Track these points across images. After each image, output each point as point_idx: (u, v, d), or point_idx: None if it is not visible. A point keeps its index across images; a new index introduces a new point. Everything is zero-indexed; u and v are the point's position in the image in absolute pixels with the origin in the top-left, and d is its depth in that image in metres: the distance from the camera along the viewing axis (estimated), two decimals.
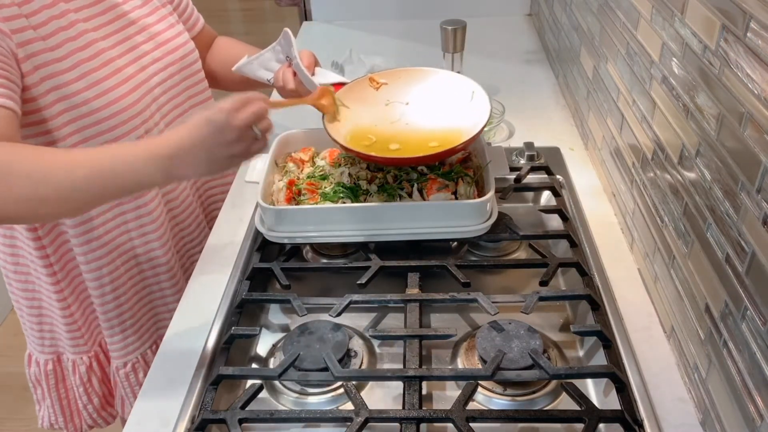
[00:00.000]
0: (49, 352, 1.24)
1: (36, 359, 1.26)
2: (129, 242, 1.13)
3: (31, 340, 1.25)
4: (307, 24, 2.12)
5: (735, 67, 0.69)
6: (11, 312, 2.50)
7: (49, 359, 1.25)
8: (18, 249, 1.13)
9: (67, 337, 1.20)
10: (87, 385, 1.25)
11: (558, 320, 1.01)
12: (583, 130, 1.38)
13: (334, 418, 0.83)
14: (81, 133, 1.00)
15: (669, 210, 0.89)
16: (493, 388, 0.88)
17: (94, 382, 1.25)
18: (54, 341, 1.23)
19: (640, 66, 1.00)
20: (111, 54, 1.03)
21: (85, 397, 1.26)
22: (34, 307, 1.20)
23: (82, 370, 1.23)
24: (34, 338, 1.24)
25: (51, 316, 1.20)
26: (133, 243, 1.14)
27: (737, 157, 0.69)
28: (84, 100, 0.98)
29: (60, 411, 1.29)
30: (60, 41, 0.96)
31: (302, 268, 1.09)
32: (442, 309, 1.04)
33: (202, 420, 0.82)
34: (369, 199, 1.05)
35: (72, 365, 1.24)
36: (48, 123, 0.97)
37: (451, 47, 1.42)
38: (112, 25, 1.05)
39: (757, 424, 0.66)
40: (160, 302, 1.23)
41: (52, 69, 0.95)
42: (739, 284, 0.69)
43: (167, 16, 1.16)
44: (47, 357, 1.25)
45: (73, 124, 0.98)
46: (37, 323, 1.21)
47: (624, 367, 0.86)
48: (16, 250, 1.13)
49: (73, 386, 1.26)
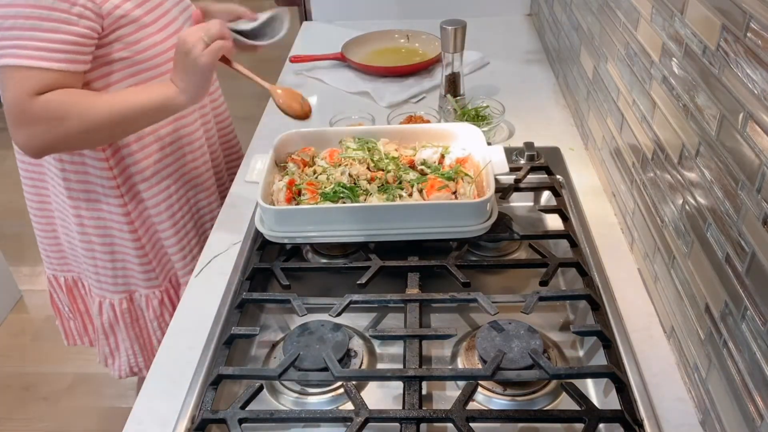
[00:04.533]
0: (122, 291, 1.33)
1: (110, 302, 1.33)
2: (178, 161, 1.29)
3: (104, 281, 1.32)
4: (307, 24, 2.12)
5: (735, 67, 0.69)
6: (11, 312, 2.51)
7: (123, 298, 1.32)
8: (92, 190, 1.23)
9: (139, 270, 1.30)
10: (160, 319, 1.33)
11: (558, 320, 1.01)
12: (583, 130, 1.38)
13: (334, 418, 0.83)
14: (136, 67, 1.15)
15: (669, 210, 0.89)
16: (493, 388, 0.88)
17: (166, 317, 1.35)
18: (126, 279, 1.32)
19: (640, 66, 1.00)
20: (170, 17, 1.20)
21: (159, 332, 1.34)
22: (107, 244, 1.28)
23: (155, 304, 1.31)
24: (107, 279, 1.32)
25: (124, 252, 1.29)
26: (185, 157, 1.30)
27: (737, 157, 0.69)
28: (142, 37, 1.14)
29: (139, 351, 1.36)
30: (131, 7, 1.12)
31: (302, 268, 1.09)
32: (442, 309, 1.04)
33: (202, 420, 0.82)
34: (369, 199, 1.06)
35: (145, 300, 1.32)
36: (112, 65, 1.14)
37: (451, 47, 1.42)
38: None
39: (757, 424, 0.66)
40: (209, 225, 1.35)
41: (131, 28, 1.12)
42: (739, 284, 0.69)
43: None
44: (121, 296, 1.33)
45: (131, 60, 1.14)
46: (110, 261, 1.30)
47: (624, 367, 0.86)
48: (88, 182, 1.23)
49: (147, 322, 1.34)
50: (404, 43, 1.88)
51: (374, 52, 1.84)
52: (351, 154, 1.14)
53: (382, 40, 1.88)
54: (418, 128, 1.22)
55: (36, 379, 2.26)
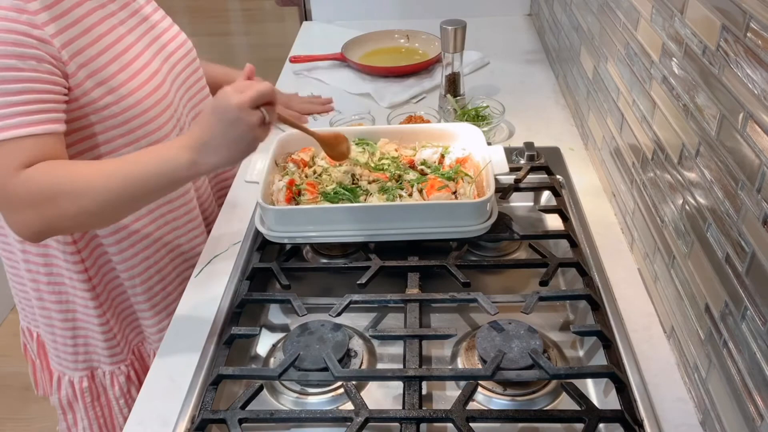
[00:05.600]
0: (83, 368, 1.22)
1: (69, 379, 1.23)
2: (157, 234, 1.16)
3: (63, 359, 1.21)
4: (307, 24, 2.12)
5: (735, 67, 0.69)
6: (11, 312, 2.50)
7: (84, 376, 1.22)
8: (52, 260, 1.11)
9: (104, 346, 1.18)
10: (127, 396, 1.23)
11: (558, 320, 1.01)
12: (583, 130, 1.38)
13: (334, 418, 0.83)
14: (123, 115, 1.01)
15: (669, 210, 0.89)
16: (493, 388, 0.88)
17: (133, 393, 1.24)
18: (88, 355, 1.21)
19: (640, 66, 1.00)
20: (138, 47, 1.07)
21: (126, 410, 1.24)
22: (69, 320, 1.17)
23: (122, 380, 1.22)
24: (66, 356, 1.21)
25: (86, 328, 1.18)
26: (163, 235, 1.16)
27: (737, 157, 0.69)
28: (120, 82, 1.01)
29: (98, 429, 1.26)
30: (95, 36, 0.99)
31: (302, 268, 1.09)
32: (442, 309, 1.04)
33: (202, 420, 0.82)
34: (369, 199, 1.06)
35: (110, 377, 1.22)
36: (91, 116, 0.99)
37: (451, 47, 1.42)
38: (133, 19, 1.09)
39: (757, 424, 0.66)
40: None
41: (94, 65, 0.98)
42: (739, 284, 0.69)
43: (167, 16, 1.19)
44: (81, 374, 1.22)
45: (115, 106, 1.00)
46: (71, 337, 1.19)
47: (624, 367, 0.86)
48: (50, 261, 1.11)
49: (113, 400, 1.24)
50: (404, 43, 1.88)
51: (374, 52, 1.84)
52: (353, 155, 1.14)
53: (382, 40, 1.88)
54: (418, 128, 1.22)
55: None
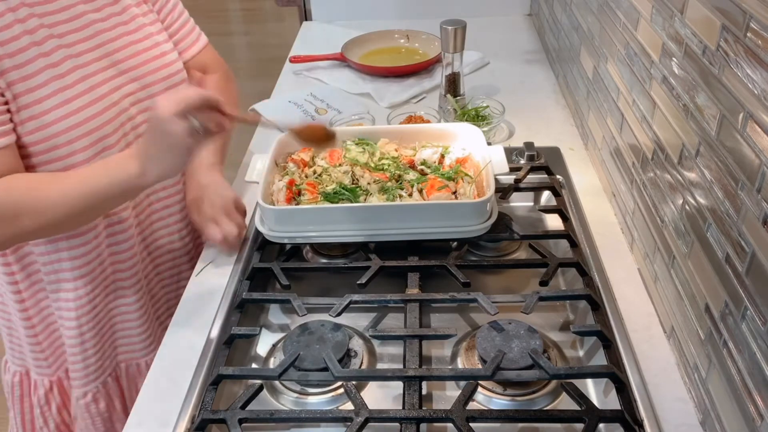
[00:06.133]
0: (18, 364, 1.22)
1: (9, 367, 1.24)
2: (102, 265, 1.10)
3: (7, 347, 1.22)
4: (307, 24, 2.12)
5: (735, 67, 0.69)
6: None
7: (18, 371, 1.22)
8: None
9: (31, 356, 1.17)
10: (44, 408, 1.21)
11: (558, 320, 1.01)
12: (583, 130, 1.38)
13: (334, 418, 0.83)
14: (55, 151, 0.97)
15: (669, 210, 0.89)
16: (493, 388, 0.88)
17: (52, 407, 1.21)
18: (22, 355, 1.20)
19: (640, 66, 1.00)
20: (86, 71, 1.00)
21: (41, 420, 1.22)
22: (5, 318, 1.18)
23: (41, 392, 1.20)
24: (7, 346, 1.22)
25: (19, 331, 1.16)
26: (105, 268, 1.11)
27: (737, 157, 0.69)
28: (56, 118, 0.96)
29: (21, 425, 1.25)
30: (32, 56, 0.94)
31: (302, 268, 1.09)
32: (442, 309, 1.04)
33: (202, 420, 0.82)
34: (369, 199, 1.06)
35: (34, 384, 1.21)
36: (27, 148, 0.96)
37: (451, 47, 1.42)
38: (89, 42, 1.02)
39: (757, 424, 0.66)
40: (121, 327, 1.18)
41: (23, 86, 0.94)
42: (739, 284, 0.69)
43: (154, 35, 1.12)
44: (16, 368, 1.22)
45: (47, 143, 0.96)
46: (8, 334, 1.20)
47: (624, 367, 0.86)
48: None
49: (34, 405, 1.23)
50: (404, 43, 1.88)
51: (374, 52, 1.84)
52: (353, 155, 1.14)
53: (382, 40, 1.88)
54: (418, 128, 1.23)
55: None
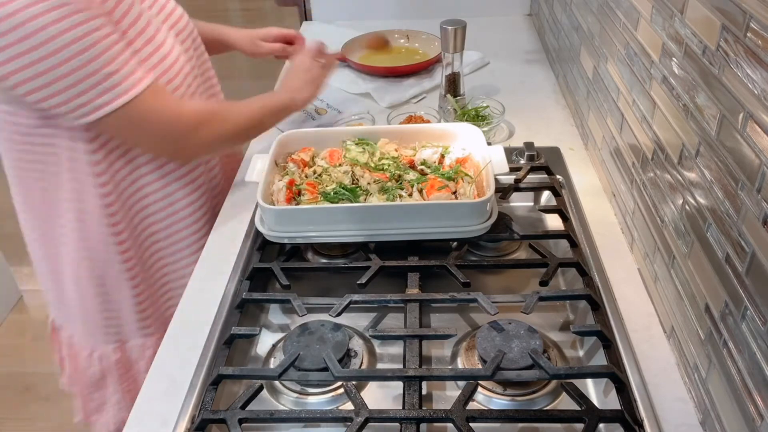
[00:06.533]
0: (114, 340, 1.25)
1: (100, 354, 1.26)
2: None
3: (93, 332, 1.24)
4: (307, 24, 2.12)
5: (735, 67, 0.69)
6: (11, 312, 2.50)
7: (116, 347, 1.25)
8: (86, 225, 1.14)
9: (135, 319, 1.22)
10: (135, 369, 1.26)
11: (558, 320, 1.01)
12: (583, 130, 1.38)
13: (334, 418, 0.83)
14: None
15: (669, 210, 0.89)
16: (493, 388, 0.88)
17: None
18: (119, 327, 1.24)
19: (640, 66, 1.00)
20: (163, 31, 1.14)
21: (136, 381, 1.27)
22: (100, 294, 1.20)
23: (149, 354, 1.23)
24: (97, 329, 1.24)
25: (119, 300, 1.21)
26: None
27: (737, 157, 0.69)
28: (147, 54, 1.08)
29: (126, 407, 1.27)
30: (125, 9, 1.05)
31: (302, 268, 1.09)
32: (442, 309, 1.04)
33: (202, 420, 0.82)
34: (369, 199, 1.06)
35: (140, 350, 1.25)
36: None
37: (451, 47, 1.42)
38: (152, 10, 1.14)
39: (757, 424, 0.66)
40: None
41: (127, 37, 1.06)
42: (739, 284, 0.69)
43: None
44: (113, 345, 1.25)
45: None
46: (101, 311, 1.22)
47: (624, 367, 0.86)
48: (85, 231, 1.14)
49: (140, 374, 1.26)
50: (404, 43, 1.88)
51: (374, 52, 1.84)
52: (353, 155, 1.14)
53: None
54: (418, 128, 1.23)
55: (36, 379, 2.26)
